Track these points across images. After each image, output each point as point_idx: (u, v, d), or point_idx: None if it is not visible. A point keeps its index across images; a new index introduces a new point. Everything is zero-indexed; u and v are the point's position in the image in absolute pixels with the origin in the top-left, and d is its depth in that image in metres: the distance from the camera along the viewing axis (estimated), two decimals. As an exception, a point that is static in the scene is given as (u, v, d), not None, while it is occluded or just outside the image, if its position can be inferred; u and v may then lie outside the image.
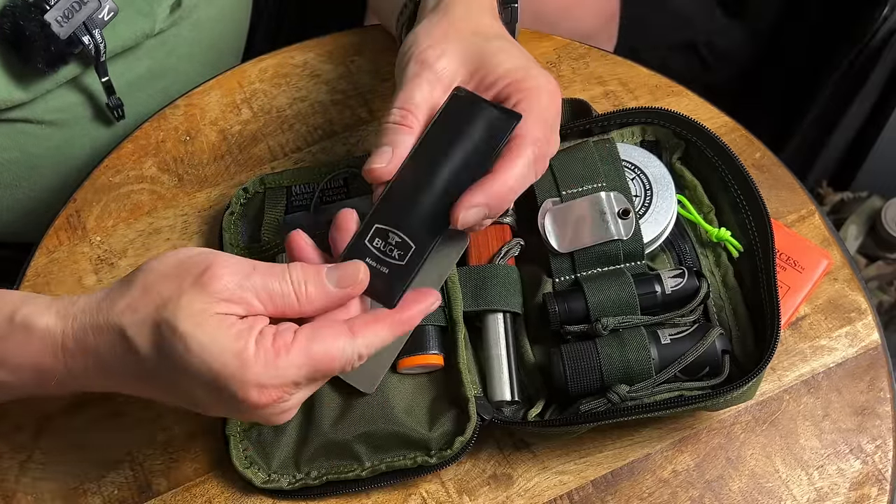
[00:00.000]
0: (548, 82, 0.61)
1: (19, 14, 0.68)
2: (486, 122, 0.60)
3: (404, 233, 0.58)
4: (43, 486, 0.66)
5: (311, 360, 0.52)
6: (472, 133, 0.60)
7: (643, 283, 0.65)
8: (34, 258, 0.74)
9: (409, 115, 0.60)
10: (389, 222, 0.59)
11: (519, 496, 0.65)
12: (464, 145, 0.60)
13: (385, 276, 0.58)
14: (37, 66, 0.71)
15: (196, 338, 0.51)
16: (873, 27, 1.17)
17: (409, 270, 0.58)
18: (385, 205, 0.59)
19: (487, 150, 0.59)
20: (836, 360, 0.69)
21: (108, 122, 0.81)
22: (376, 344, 0.54)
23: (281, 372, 0.52)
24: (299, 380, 0.53)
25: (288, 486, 0.64)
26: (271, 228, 0.72)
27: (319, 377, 0.54)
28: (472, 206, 0.57)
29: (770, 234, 0.66)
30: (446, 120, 0.60)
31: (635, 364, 0.63)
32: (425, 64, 0.61)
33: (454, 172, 0.59)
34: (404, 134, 0.59)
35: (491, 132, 0.60)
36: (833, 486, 0.65)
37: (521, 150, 0.58)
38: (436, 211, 0.59)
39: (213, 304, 0.52)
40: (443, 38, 0.62)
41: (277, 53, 0.83)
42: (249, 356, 0.51)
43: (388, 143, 0.59)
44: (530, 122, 0.59)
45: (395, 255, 0.58)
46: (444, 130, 0.60)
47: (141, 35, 0.77)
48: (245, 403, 0.52)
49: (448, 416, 0.64)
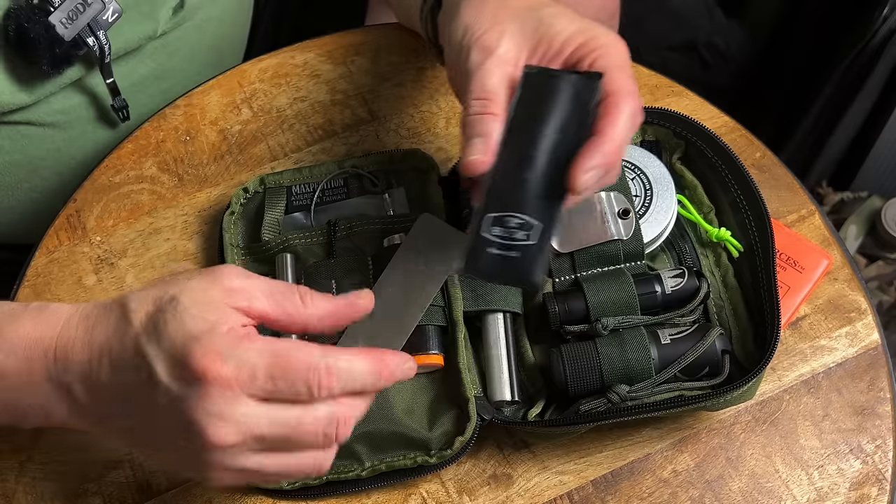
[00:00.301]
0: (614, 37, 0.61)
1: (24, 16, 0.68)
2: (570, 90, 0.59)
3: (524, 213, 0.57)
4: (43, 486, 0.66)
5: (274, 352, 0.50)
6: (558, 104, 0.59)
7: (643, 282, 0.65)
8: (34, 258, 0.74)
9: (489, 102, 0.59)
10: (504, 208, 0.57)
11: (519, 496, 0.65)
12: (555, 117, 0.59)
13: (518, 260, 0.56)
14: (41, 68, 0.71)
15: (185, 304, 0.51)
16: (873, 27, 1.17)
17: (542, 247, 0.56)
18: (492, 192, 0.58)
19: (581, 116, 0.58)
20: (836, 360, 0.69)
21: (109, 124, 0.81)
22: (348, 368, 0.51)
23: (242, 349, 0.50)
24: (258, 366, 0.50)
25: (288, 485, 0.64)
26: (271, 228, 0.72)
27: (280, 375, 0.50)
28: (589, 168, 0.56)
29: (770, 234, 0.66)
30: (528, 98, 0.60)
31: (635, 364, 0.63)
32: (488, 49, 0.61)
33: (554, 145, 0.58)
34: (491, 122, 0.59)
35: (578, 98, 0.59)
36: (833, 486, 0.65)
37: (619, 105, 0.58)
38: (548, 185, 0.57)
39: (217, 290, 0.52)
40: (495, 20, 0.62)
41: (277, 53, 0.83)
42: (219, 327, 0.51)
43: (479, 133, 0.58)
44: (616, 76, 0.59)
45: (521, 235, 0.57)
46: (529, 109, 0.59)
47: (144, 37, 0.77)
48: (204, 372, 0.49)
49: (448, 416, 0.64)
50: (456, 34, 0.63)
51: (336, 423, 0.52)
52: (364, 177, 0.74)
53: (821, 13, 1.36)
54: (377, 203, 0.73)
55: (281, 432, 0.51)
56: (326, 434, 0.52)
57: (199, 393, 0.50)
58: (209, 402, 0.50)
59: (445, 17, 0.67)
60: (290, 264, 0.70)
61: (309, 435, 0.51)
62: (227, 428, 0.50)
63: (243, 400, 0.50)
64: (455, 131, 0.78)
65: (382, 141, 0.78)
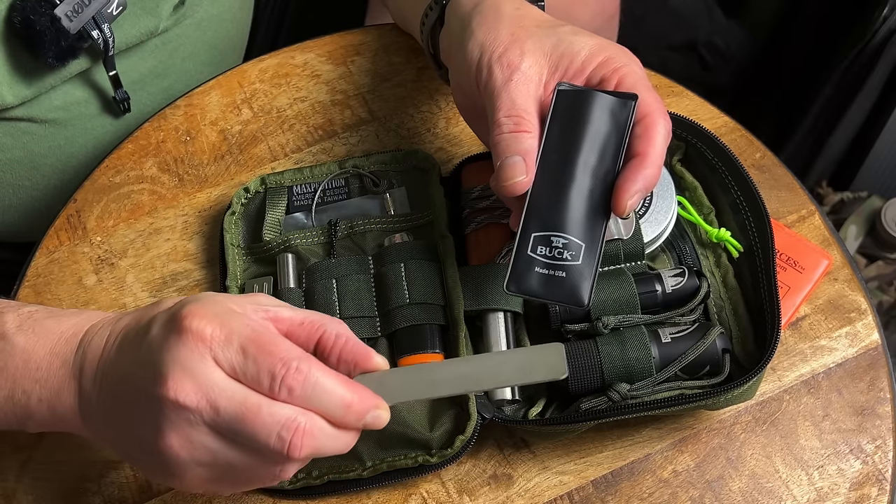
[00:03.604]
0: (630, 55, 0.62)
1: (30, 9, 0.69)
2: (606, 110, 0.60)
3: (568, 233, 0.58)
4: (43, 486, 0.66)
5: (258, 329, 0.50)
6: (594, 123, 0.60)
7: (644, 282, 0.66)
8: (34, 258, 0.74)
9: (522, 119, 0.60)
10: (547, 228, 0.58)
11: (519, 496, 0.65)
12: (593, 138, 0.60)
13: (565, 280, 0.58)
14: (47, 61, 0.71)
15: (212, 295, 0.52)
16: (873, 27, 1.17)
17: (589, 265, 0.58)
18: (534, 212, 0.59)
19: (619, 137, 0.60)
20: (836, 360, 0.69)
21: (110, 121, 0.81)
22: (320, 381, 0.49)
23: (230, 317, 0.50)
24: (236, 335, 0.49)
25: (289, 485, 0.64)
26: (272, 228, 0.72)
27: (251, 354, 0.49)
28: (634, 192, 0.58)
29: (770, 235, 0.66)
30: (564, 117, 0.60)
31: (636, 363, 0.63)
32: (511, 67, 0.61)
33: (594, 166, 0.60)
34: (527, 139, 0.59)
35: (615, 119, 0.60)
36: (833, 486, 0.65)
37: (655, 126, 0.59)
38: (589, 206, 0.59)
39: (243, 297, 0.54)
40: (513, 38, 0.62)
41: (277, 53, 0.83)
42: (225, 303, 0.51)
43: (516, 151, 0.59)
44: (646, 97, 0.60)
45: (567, 255, 0.58)
46: (565, 127, 0.60)
47: (146, 33, 0.77)
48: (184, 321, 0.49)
49: (448, 414, 0.65)
50: (471, 54, 0.63)
51: (294, 430, 0.49)
52: (365, 177, 0.74)
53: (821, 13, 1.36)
54: (378, 203, 0.73)
55: (237, 410, 0.49)
56: (281, 436, 0.49)
57: (175, 342, 0.49)
58: (181, 349, 0.49)
59: (449, 37, 0.67)
60: (292, 264, 0.70)
61: (264, 427, 0.49)
62: (187, 382, 0.49)
63: (210, 361, 0.49)
64: (455, 131, 0.78)
65: (382, 141, 0.78)
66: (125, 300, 0.72)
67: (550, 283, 0.58)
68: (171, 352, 0.49)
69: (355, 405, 0.51)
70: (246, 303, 0.53)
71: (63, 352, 0.56)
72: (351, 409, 0.50)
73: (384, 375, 0.53)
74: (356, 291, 0.68)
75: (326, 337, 0.53)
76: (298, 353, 0.50)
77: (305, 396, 0.49)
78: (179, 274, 0.73)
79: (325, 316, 0.54)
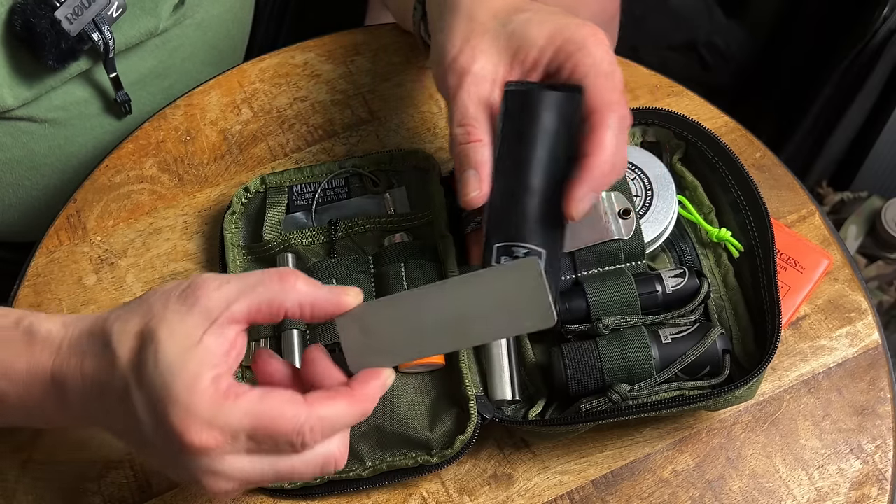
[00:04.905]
0: (588, 32, 0.59)
1: (30, 11, 0.69)
2: (553, 107, 0.58)
3: (528, 242, 0.57)
4: (43, 486, 0.66)
5: (257, 412, 0.49)
6: (543, 123, 0.58)
7: (644, 282, 0.66)
8: (34, 258, 0.74)
9: (472, 128, 0.59)
10: (508, 237, 0.57)
11: (519, 496, 0.65)
12: (543, 137, 0.58)
13: None
14: (47, 63, 0.71)
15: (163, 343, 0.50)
16: (873, 27, 1.17)
17: (551, 274, 0.57)
18: (494, 222, 0.58)
19: (568, 133, 0.58)
20: (836, 360, 0.69)
21: (110, 121, 0.81)
22: (333, 417, 0.51)
23: (224, 413, 0.49)
24: (240, 430, 0.49)
25: (289, 485, 0.64)
26: (273, 228, 0.72)
27: (263, 438, 0.50)
28: (581, 197, 0.56)
29: (770, 235, 0.66)
30: (513, 118, 0.59)
31: (636, 363, 0.63)
32: (463, 72, 0.60)
33: (545, 167, 0.58)
34: (479, 150, 0.58)
35: (562, 115, 0.58)
36: (833, 485, 0.65)
37: (603, 122, 0.57)
38: (546, 210, 0.57)
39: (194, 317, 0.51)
40: (466, 38, 0.61)
41: (278, 53, 0.83)
42: (199, 385, 0.49)
43: (470, 164, 0.58)
44: (596, 86, 0.57)
45: None
46: (515, 129, 0.58)
47: (146, 33, 0.77)
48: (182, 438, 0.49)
49: (449, 414, 0.65)
50: (434, 57, 0.62)
51: (334, 461, 0.52)
52: (365, 176, 0.74)
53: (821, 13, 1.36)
54: (378, 202, 0.73)
55: (276, 477, 0.52)
56: (325, 471, 0.53)
57: (185, 454, 0.50)
58: (196, 461, 0.50)
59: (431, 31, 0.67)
60: (292, 264, 0.70)
61: (306, 475, 0.52)
62: (219, 480, 0.51)
63: (228, 458, 0.50)
64: (455, 131, 0.78)
65: (382, 141, 0.78)
66: (125, 300, 0.72)
67: None
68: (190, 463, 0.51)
69: (367, 406, 0.52)
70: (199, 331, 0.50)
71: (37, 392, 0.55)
72: (365, 412, 0.53)
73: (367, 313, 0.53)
74: (356, 291, 0.68)
75: (291, 312, 0.52)
76: (304, 414, 0.50)
77: (326, 437, 0.51)
78: (179, 274, 0.73)
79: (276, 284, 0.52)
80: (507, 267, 0.53)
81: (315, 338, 0.66)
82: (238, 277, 0.52)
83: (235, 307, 0.51)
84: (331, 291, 0.53)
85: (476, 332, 0.53)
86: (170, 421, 0.49)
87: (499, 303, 0.51)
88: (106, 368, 0.52)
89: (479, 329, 0.52)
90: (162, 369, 0.49)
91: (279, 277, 0.52)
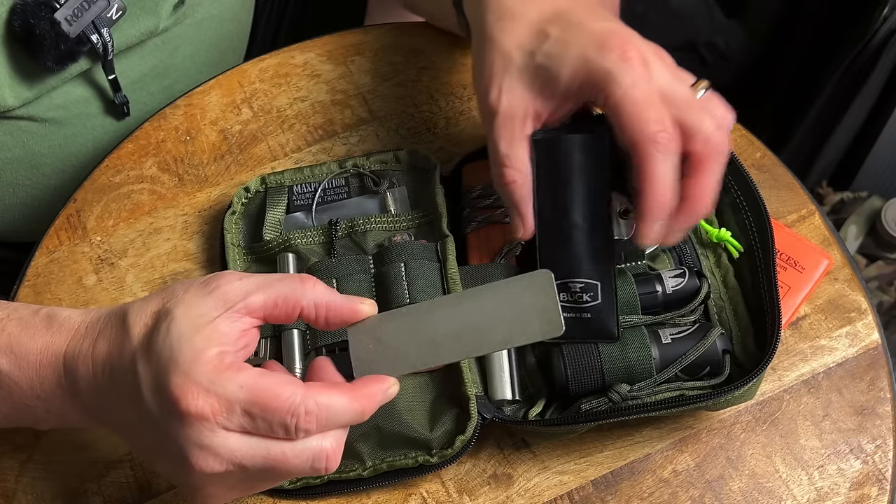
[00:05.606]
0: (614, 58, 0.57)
1: (30, 12, 0.69)
2: (581, 151, 0.61)
3: (582, 276, 0.62)
4: (43, 486, 0.66)
5: (254, 387, 0.50)
6: (575, 167, 0.61)
7: (644, 282, 0.66)
8: (34, 258, 0.74)
9: (505, 168, 0.61)
10: (563, 276, 0.62)
11: (519, 496, 0.65)
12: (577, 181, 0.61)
13: (592, 320, 0.62)
14: (46, 65, 0.71)
15: (177, 320, 0.51)
16: (873, 27, 1.17)
17: (609, 302, 0.62)
18: (546, 261, 0.62)
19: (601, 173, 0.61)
20: (836, 359, 0.69)
21: (110, 121, 0.81)
22: (329, 406, 0.51)
23: (222, 383, 0.49)
24: (236, 402, 0.49)
25: (289, 485, 0.64)
26: (273, 228, 0.72)
27: (258, 414, 0.50)
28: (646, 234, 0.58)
29: (770, 235, 0.66)
30: (546, 165, 0.62)
31: (636, 363, 0.63)
32: (492, 112, 0.61)
33: (587, 206, 0.62)
34: (517, 191, 0.61)
35: (594, 157, 0.61)
36: (833, 485, 0.65)
37: (647, 155, 0.56)
38: (596, 247, 0.62)
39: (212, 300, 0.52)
40: (492, 73, 0.61)
41: (277, 53, 0.83)
42: (204, 356, 0.50)
43: (511, 205, 0.61)
44: (630, 118, 0.56)
45: (586, 297, 0.62)
46: (550, 177, 0.62)
47: (146, 33, 0.77)
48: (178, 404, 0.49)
49: (449, 414, 0.65)
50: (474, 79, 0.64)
51: (325, 458, 0.52)
52: (365, 176, 0.74)
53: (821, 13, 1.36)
54: (378, 203, 0.73)
55: (264, 464, 0.51)
56: (314, 467, 0.52)
57: (180, 422, 0.50)
58: (189, 430, 0.50)
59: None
60: (292, 264, 0.70)
61: (296, 468, 0.51)
62: (209, 457, 0.50)
63: (221, 432, 0.50)
64: (455, 131, 0.78)
65: (382, 141, 0.78)
66: (125, 300, 0.72)
67: (581, 325, 0.62)
68: (181, 433, 0.50)
69: (367, 406, 0.52)
70: (215, 314, 0.51)
71: (49, 375, 0.56)
72: (364, 412, 0.52)
73: (379, 325, 0.54)
74: (356, 291, 0.68)
75: (307, 312, 0.53)
76: (301, 395, 0.50)
77: (322, 427, 0.51)
78: (179, 274, 0.73)
79: (296, 283, 0.53)
80: (520, 279, 0.54)
81: (315, 339, 0.66)
82: (260, 275, 0.54)
83: (253, 298, 0.52)
84: (347, 299, 0.54)
85: (485, 342, 0.54)
86: (169, 388, 0.49)
87: (509, 313, 0.53)
88: (118, 347, 0.53)
89: (489, 338, 0.54)
90: (171, 342, 0.50)
91: (300, 278, 0.53)
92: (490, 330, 0.53)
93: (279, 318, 0.53)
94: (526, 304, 0.52)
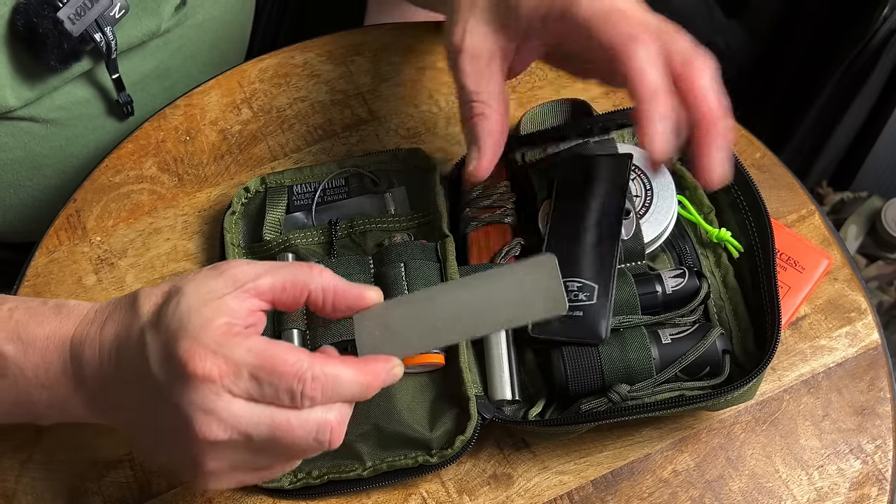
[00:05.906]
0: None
1: (33, 11, 0.69)
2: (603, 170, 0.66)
3: (582, 277, 0.64)
4: (43, 486, 0.66)
5: (263, 351, 0.50)
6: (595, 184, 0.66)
7: (644, 282, 0.66)
8: (34, 258, 0.74)
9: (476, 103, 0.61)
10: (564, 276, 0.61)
11: (519, 496, 0.65)
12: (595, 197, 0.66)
13: (583, 319, 0.63)
14: (49, 64, 0.71)
15: (188, 294, 0.52)
16: (873, 27, 1.17)
17: (603, 304, 0.63)
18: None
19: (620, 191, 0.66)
20: (836, 359, 0.69)
21: (112, 122, 0.81)
22: (335, 376, 0.51)
23: (230, 346, 0.50)
24: (243, 365, 0.49)
25: (289, 485, 0.64)
26: (273, 228, 0.72)
27: (264, 379, 0.50)
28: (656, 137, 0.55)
29: (770, 235, 0.66)
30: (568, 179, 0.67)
31: (636, 364, 0.63)
32: (456, 50, 0.61)
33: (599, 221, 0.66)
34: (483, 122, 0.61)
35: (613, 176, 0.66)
36: (833, 485, 0.65)
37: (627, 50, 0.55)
38: (601, 254, 0.65)
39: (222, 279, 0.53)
40: (458, 13, 0.62)
41: (277, 53, 0.83)
42: (213, 323, 0.50)
43: (471, 140, 0.61)
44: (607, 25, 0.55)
45: (583, 297, 0.63)
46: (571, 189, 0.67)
47: (148, 33, 0.77)
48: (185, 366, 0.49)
49: (449, 414, 0.65)
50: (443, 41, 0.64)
51: (329, 430, 0.51)
52: (365, 176, 0.74)
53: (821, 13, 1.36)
54: (378, 202, 0.73)
55: (269, 433, 0.51)
56: (318, 439, 0.51)
57: (186, 386, 0.50)
58: (195, 394, 0.50)
59: None
60: (291, 264, 0.70)
61: (300, 439, 0.51)
62: (213, 423, 0.50)
63: (226, 396, 0.50)
64: (455, 131, 0.78)
65: (382, 141, 0.78)
66: (125, 300, 0.72)
67: (571, 323, 0.63)
68: (186, 398, 0.50)
69: (373, 382, 0.53)
70: (224, 291, 0.52)
71: (55, 360, 0.56)
72: (370, 387, 0.52)
73: (385, 312, 0.55)
74: (356, 291, 0.68)
75: (315, 297, 0.54)
76: (307, 361, 0.50)
77: (326, 398, 0.51)
78: (179, 274, 0.73)
79: (304, 268, 0.54)
80: (524, 263, 0.55)
81: (315, 339, 0.66)
82: (269, 262, 0.55)
83: (262, 280, 0.53)
84: (354, 286, 0.55)
85: (490, 321, 0.55)
86: (178, 354, 0.50)
87: (514, 295, 0.54)
88: (126, 328, 0.53)
89: (493, 318, 0.55)
90: (180, 313, 0.51)
91: (308, 265, 0.55)
92: (494, 311, 0.54)
93: (286, 302, 0.54)
94: (529, 285, 0.54)
